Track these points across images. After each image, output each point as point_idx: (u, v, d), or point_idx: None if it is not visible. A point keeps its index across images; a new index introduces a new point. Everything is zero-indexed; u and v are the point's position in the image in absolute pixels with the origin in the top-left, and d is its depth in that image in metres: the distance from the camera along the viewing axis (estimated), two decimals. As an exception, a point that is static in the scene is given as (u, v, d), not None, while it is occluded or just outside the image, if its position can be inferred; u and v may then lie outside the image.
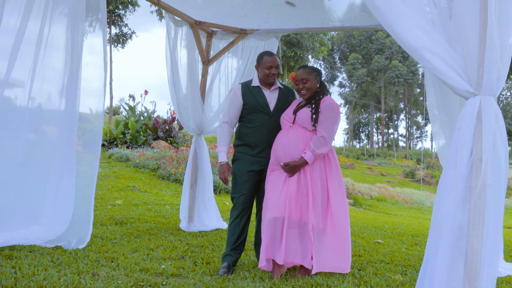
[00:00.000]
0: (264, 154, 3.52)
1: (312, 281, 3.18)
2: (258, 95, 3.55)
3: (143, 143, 13.65)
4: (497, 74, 2.15)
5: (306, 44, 26.56)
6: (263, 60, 3.54)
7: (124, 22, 24.91)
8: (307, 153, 3.24)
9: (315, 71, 3.40)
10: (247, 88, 3.59)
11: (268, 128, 3.51)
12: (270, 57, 3.54)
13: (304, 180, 3.27)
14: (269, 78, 3.53)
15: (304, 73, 3.36)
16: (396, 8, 2.24)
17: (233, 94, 3.61)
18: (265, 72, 3.52)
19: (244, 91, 3.58)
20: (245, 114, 3.58)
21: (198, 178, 5.20)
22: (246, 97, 3.55)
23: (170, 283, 2.94)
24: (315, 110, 3.29)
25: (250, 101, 3.54)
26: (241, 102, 3.57)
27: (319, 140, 3.24)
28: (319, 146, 3.24)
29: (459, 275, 2.10)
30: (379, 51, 49.15)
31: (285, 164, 3.27)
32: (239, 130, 3.65)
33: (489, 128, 2.14)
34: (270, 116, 3.53)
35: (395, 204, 14.07)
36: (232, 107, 3.59)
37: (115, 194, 7.19)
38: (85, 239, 3.76)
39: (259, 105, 3.53)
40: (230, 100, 3.62)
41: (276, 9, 4.59)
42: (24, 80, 3.60)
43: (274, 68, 3.52)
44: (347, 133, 60.15)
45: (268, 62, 3.51)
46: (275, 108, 3.55)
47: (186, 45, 5.09)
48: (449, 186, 2.19)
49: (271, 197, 3.28)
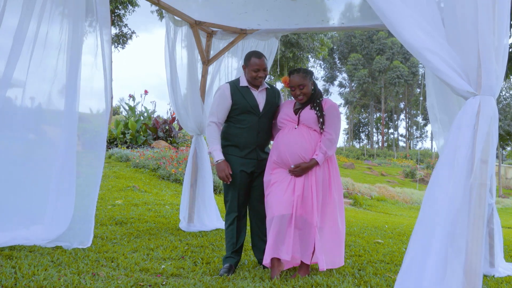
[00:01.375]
0: (252, 156, 3.48)
1: (312, 281, 3.18)
2: (247, 96, 3.49)
3: (143, 143, 13.65)
4: (495, 74, 2.15)
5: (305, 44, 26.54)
6: (251, 62, 3.45)
7: (124, 22, 24.90)
8: (319, 155, 3.25)
9: (308, 74, 3.39)
10: (236, 88, 3.51)
11: (257, 129, 3.48)
12: (257, 59, 3.44)
13: (310, 179, 3.29)
14: (256, 81, 3.47)
15: (300, 78, 3.33)
16: (397, 9, 2.24)
17: (222, 94, 3.49)
18: (252, 75, 3.45)
19: (233, 91, 3.49)
20: (234, 114, 3.50)
21: (198, 178, 5.20)
22: (236, 97, 3.47)
23: (170, 283, 2.95)
24: (320, 114, 3.31)
25: (239, 101, 3.47)
26: (230, 103, 3.47)
27: (329, 141, 3.28)
28: (330, 147, 3.28)
29: (457, 275, 2.10)
30: (380, 52, 49.14)
31: (296, 166, 3.26)
32: (227, 130, 3.55)
33: (488, 128, 2.15)
34: (260, 117, 3.49)
35: (395, 204, 14.07)
36: (221, 107, 3.49)
37: (115, 194, 7.19)
38: (87, 240, 3.75)
39: (249, 106, 3.47)
40: (218, 100, 3.50)
41: (276, 6, 4.59)
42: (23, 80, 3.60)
43: (261, 71, 3.44)
44: (347, 133, 60.17)
45: (256, 65, 3.43)
46: (264, 109, 3.51)
47: (186, 45, 5.08)
48: (443, 184, 2.18)
49: (276, 195, 3.27)
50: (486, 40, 2.12)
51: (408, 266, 2.22)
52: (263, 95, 3.55)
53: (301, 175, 3.28)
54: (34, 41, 3.58)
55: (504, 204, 18.86)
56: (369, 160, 31.74)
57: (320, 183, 3.30)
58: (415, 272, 2.17)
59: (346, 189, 14.28)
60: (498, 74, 2.17)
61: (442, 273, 2.11)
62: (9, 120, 3.57)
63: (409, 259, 2.22)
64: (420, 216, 2.24)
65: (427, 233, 2.19)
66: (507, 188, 27.71)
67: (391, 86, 48.41)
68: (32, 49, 3.58)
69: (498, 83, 2.18)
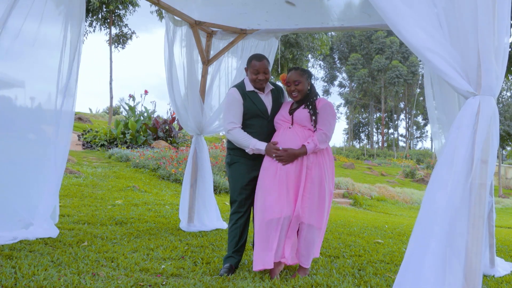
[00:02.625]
0: (261, 158, 3.47)
1: (312, 281, 3.18)
2: (256, 101, 3.51)
3: (143, 143, 13.65)
4: (495, 74, 2.15)
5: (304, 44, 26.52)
6: (251, 64, 3.47)
7: (124, 22, 24.87)
8: (310, 144, 3.25)
9: (306, 73, 3.41)
10: (244, 92, 3.52)
11: (267, 132, 3.49)
12: (258, 61, 3.46)
13: (299, 177, 3.28)
14: (257, 83, 3.49)
15: (296, 75, 3.37)
16: (398, 9, 2.25)
17: (233, 98, 3.48)
18: (252, 77, 3.48)
19: (242, 95, 3.50)
20: (244, 119, 3.50)
21: (198, 178, 5.20)
22: (245, 101, 3.49)
23: (170, 283, 2.95)
24: (313, 112, 3.32)
25: (249, 106, 3.49)
26: (242, 103, 3.49)
27: (322, 136, 3.28)
28: (322, 141, 3.28)
29: (456, 275, 2.10)
30: (379, 51, 49.13)
31: (284, 149, 3.26)
32: None
33: (488, 128, 2.14)
34: (269, 121, 3.52)
35: (395, 204, 14.07)
36: (238, 110, 3.46)
37: (115, 194, 7.19)
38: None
39: (258, 111, 3.49)
40: (231, 103, 3.48)
41: (276, 8, 4.59)
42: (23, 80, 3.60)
43: (261, 74, 3.46)
44: (347, 133, 60.14)
45: (256, 67, 3.45)
46: (271, 112, 3.54)
47: (186, 45, 5.08)
48: (442, 184, 2.18)
49: (267, 199, 3.24)
50: (486, 40, 2.12)
51: (407, 266, 2.22)
52: (269, 98, 3.58)
53: (288, 162, 3.26)
54: (34, 41, 3.58)
55: (504, 204, 18.86)
56: (369, 160, 31.73)
57: (314, 181, 3.26)
58: (414, 272, 2.17)
59: (346, 189, 14.27)
60: (498, 74, 2.17)
61: (441, 273, 2.11)
62: (9, 120, 3.57)
63: (408, 259, 2.22)
64: (419, 216, 2.24)
65: (426, 233, 2.18)
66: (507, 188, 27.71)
67: (391, 86, 48.41)
68: (32, 49, 3.58)
69: (498, 83, 2.18)
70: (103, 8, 22.79)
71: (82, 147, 13.94)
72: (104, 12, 23.29)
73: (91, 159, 11.56)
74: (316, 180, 3.27)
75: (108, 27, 23.96)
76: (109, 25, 23.88)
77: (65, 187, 7.12)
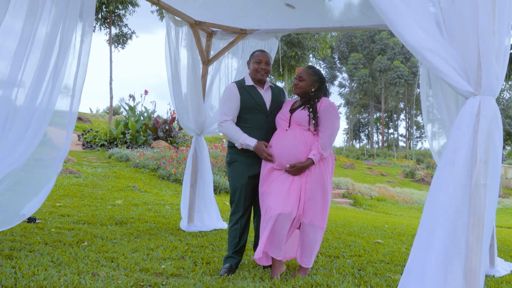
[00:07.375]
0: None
1: (312, 281, 3.18)
2: (254, 94, 3.53)
3: (143, 143, 13.65)
4: (495, 74, 2.15)
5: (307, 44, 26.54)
6: (254, 55, 3.59)
7: (124, 22, 24.89)
8: (316, 156, 3.25)
9: (316, 74, 3.42)
10: (242, 87, 3.55)
11: (266, 128, 3.49)
12: (261, 52, 3.59)
13: (303, 178, 3.28)
14: (258, 73, 3.53)
15: (304, 72, 3.42)
16: (398, 9, 2.25)
17: (230, 92, 3.52)
18: (254, 67, 3.54)
19: (240, 89, 3.53)
20: (242, 114, 3.51)
21: (198, 178, 5.20)
22: (243, 96, 3.51)
23: (170, 283, 2.95)
24: (313, 114, 3.30)
25: (247, 100, 3.50)
26: (239, 99, 3.50)
27: (325, 144, 3.27)
28: (325, 149, 3.28)
29: (456, 274, 2.10)
30: (381, 52, 49.08)
31: (291, 166, 3.26)
32: None
33: (488, 128, 2.14)
34: (267, 116, 3.51)
35: (395, 204, 14.07)
36: (233, 104, 3.49)
37: (115, 194, 7.19)
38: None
39: (256, 104, 3.50)
40: (228, 98, 3.52)
41: (276, 10, 4.60)
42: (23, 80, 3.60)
43: (263, 63, 3.53)
44: (347, 133, 60.14)
45: (258, 57, 3.54)
46: (270, 108, 3.54)
47: (186, 45, 5.08)
48: (444, 184, 2.18)
49: (275, 194, 3.25)
50: (486, 41, 2.12)
51: (410, 266, 2.22)
52: (268, 94, 3.59)
53: (297, 175, 3.28)
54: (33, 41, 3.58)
55: (504, 204, 18.84)
56: (369, 160, 31.72)
57: (317, 182, 3.28)
58: (417, 272, 2.18)
59: (346, 189, 14.27)
60: (498, 75, 2.17)
61: (443, 273, 2.11)
62: (9, 120, 3.57)
63: (411, 259, 2.23)
64: (423, 217, 2.26)
65: (428, 233, 2.19)
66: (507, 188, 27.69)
67: (391, 86, 48.38)
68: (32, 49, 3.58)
69: (498, 84, 2.18)
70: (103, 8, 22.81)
71: (82, 147, 13.94)
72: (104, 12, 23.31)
73: (91, 159, 11.56)
74: (319, 179, 3.28)
75: (108, 27, 23.96)
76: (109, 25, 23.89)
77: (65, 187, 7.13)
